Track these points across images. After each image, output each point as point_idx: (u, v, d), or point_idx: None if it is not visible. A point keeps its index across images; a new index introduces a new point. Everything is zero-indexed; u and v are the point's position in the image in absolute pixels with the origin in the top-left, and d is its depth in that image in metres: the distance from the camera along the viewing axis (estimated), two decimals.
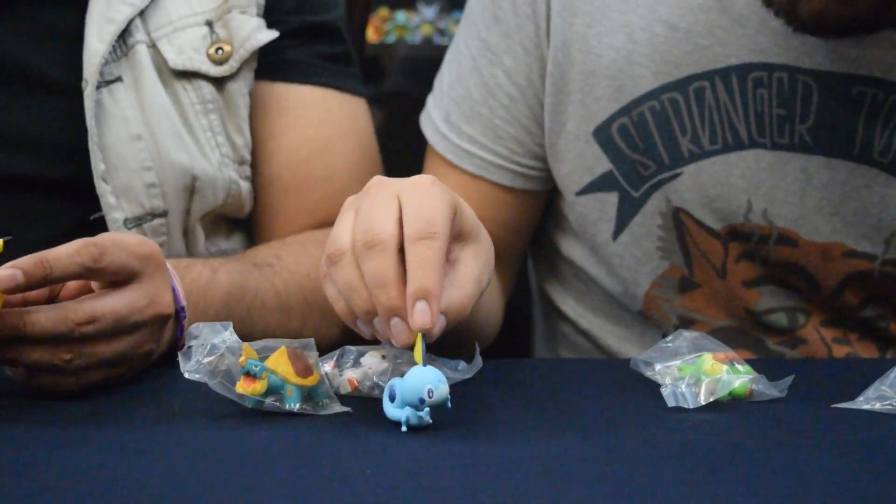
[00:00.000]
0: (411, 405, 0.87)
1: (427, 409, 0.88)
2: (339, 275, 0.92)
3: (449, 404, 0.89)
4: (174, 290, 1.05)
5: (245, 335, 0.93)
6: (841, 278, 1.23)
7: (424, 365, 0.88)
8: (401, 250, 0.91)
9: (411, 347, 0.91)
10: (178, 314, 1.06)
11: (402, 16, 3.16)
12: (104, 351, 0.97)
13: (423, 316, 0.89)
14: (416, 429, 0.88)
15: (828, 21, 1.09)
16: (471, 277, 0.93)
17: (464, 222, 0.95)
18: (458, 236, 0.94)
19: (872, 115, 1.18)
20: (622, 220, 1.26)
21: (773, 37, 1.17)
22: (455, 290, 0.92)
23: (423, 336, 0.90)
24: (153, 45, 1.22)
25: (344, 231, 0.92)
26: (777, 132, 1.20)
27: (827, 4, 1.08)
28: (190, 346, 0.91)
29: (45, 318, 0.94)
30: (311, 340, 0.94)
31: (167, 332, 1.05)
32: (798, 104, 1.19)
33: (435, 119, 1.33)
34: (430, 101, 1.34)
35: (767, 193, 1.21)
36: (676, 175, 1.23)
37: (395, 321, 0.90)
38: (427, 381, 0.87)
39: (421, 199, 0.92)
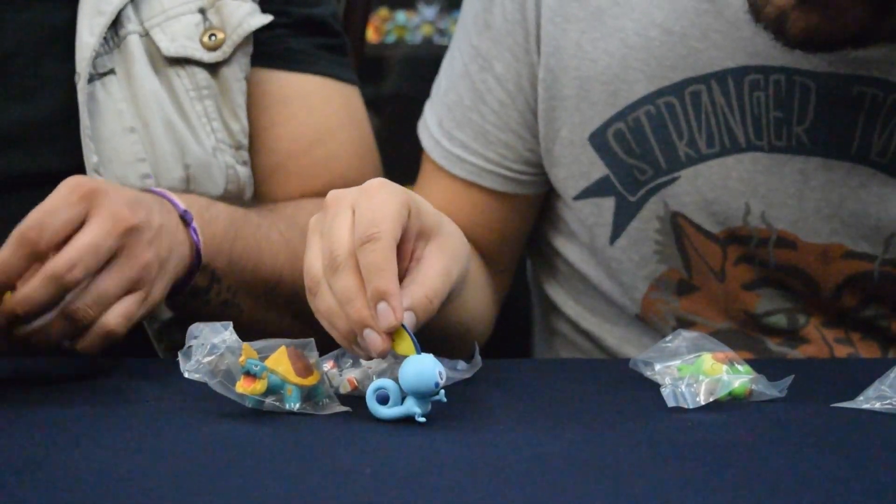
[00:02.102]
0: (426, 394, 0.88)
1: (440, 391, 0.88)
2: (320, 305, 0.93)
3: (444, 398, 0.89)
4: (172, 201, 1.07)
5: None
6: (840, 280, 1.23)
7: (419, 352, 0.89)
8: None
9: (394, 355, 0.92)
10: (184, 217, 1.08)
11: (402, 16, 3.17)
12: (108, 285, 0.99)
13: (386, 315, 0.89)
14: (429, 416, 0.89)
15: (817, 37, 1.09)
16: (437, 271, 0.93)
17: (423, 219, 0.94)
18: (419, 234, 0.94)
19: (872, 115, 1.18)
20: (619, 225, 1.26)
21: (769, 39, 1.17)
22: (418, 286, 0.92)
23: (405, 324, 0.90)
24: (146, 34, 1.23)
25: (313, 258, 0.93)
26: (774, 134, 1.20)
27: (814, 21, 1.07)
28: (190, 346, 0.91)
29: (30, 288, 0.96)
30: (312, 341, 0.94)
31: (179, 233, 1.06)
32: (795, 106, 1.19)
33: (430, 125, 1.33)
34: (427, 107, 1.35)
35: (765, 196, 1.21)
36: (674, 179, 1.23)
37: (367, 331, 0.90)
38: (435, 364, 0.88)
39: (368, 203, 0.92)
